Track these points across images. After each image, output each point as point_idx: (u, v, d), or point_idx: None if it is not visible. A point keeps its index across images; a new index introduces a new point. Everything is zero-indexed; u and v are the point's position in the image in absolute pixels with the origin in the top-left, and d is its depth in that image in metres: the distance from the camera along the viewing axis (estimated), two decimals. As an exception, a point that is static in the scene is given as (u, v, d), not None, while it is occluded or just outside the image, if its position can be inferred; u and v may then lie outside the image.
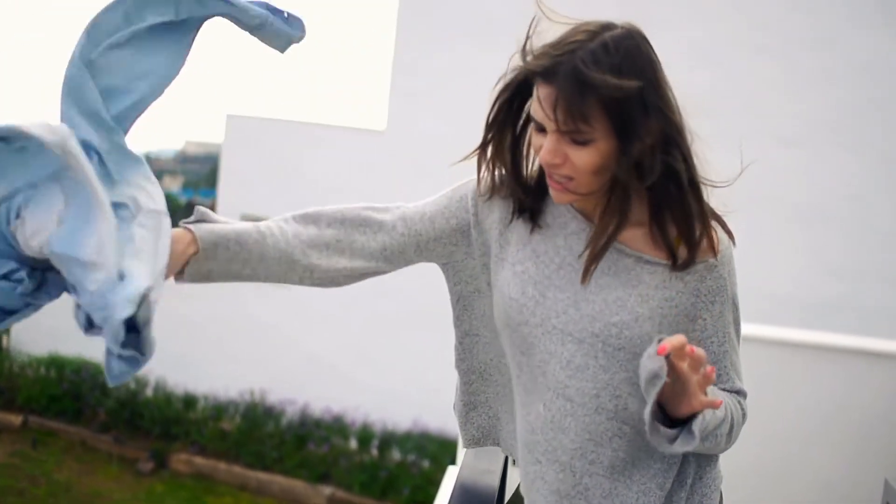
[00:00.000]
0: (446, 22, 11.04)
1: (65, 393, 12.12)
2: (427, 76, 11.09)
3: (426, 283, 11.62)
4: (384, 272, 1.50)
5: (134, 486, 10.77)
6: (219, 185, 12.80)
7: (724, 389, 1.42)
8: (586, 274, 1.35)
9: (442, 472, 4.68)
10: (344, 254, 1.42)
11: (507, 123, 1.42)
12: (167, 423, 11.58)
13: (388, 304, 11.15)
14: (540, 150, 1.30)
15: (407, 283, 11.02)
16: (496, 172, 1.44)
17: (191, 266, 1.28)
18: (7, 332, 14.01)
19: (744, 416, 1.44)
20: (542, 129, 1.29)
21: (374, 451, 10.72)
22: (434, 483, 9.50)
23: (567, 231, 1.41)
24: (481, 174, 1.46)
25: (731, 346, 1.42)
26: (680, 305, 1.36)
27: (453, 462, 4.40)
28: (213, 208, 17.17)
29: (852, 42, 9.26)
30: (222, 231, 1.30)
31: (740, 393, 1.45)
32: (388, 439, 10.68)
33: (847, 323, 7.37)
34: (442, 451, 10.08)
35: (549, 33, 1.37)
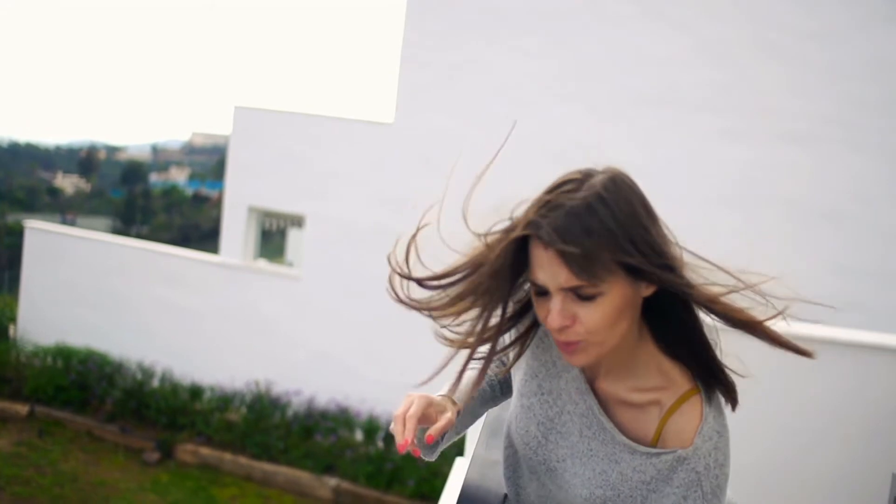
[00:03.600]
0: (455, 15, 11.03)
1: (71, 383, 12.15)
2: (435, 69, 11.09)
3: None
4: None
5: (140, 476, 10.80)
6: (226, 177, 12.81)
7: None
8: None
9: (448, 464, 4.70)
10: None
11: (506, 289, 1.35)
12: (173, 414, 11.61)
13: (395, 297, 11.16)
14: (545, 315, 1.27)
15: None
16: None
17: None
18: (14, 321, 14.06)
19: None
20: (543, 293, 1.26)
21: (380, 443, 10.74)
22: (440, 475, 9.52)
23: (570, 375, 1.41)
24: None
25: None
26: (658, 491, 1.33)
27: (460, 453, 4.40)
28: (219, 200, 17.25)
29: (859, 39, 9.24)
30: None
31: None
32: (394, 431, 10.70)
33: (853, 320, 7.36)
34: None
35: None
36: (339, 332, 11.64)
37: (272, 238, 14.98)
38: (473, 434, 1.97)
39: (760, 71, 9.56)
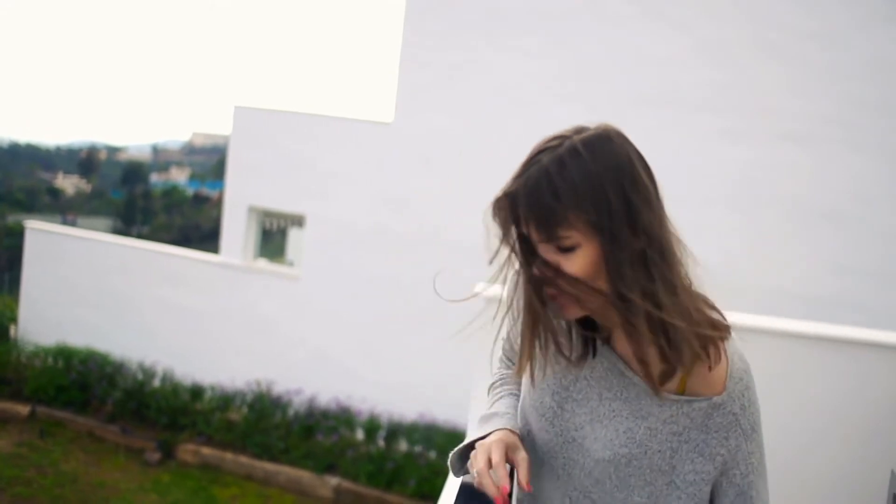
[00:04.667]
0: (454, 14, 11.04)
1: (72, 383, 12.16)
2: (435, 68, 11.09)
3: (433, 276, 11.65)
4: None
5: (141, 476, 10.81)
6: (226, 177, 12.82)
7: None
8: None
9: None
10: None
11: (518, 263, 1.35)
12: (174, 414, 11.62)
13: (396, 298, 11.18)
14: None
15: (414, 277, 11.06)
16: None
17: None
18: (14, 322, 14.07)
19: None
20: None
21: (381, 442, 10.74)
22: (441, 474, 9.52)
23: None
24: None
25: (755, 475, 1.39)
26: (690, 441, 1.34)
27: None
28: (220, 200, 17.26)
29: (859, 39, 9.24)
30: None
31: None
32: (395, 430, 10.70)
33: (852, 318, 7.37)
34: (449, 442, 10.09)
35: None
36: (339, 331, 11.66)
37: (273, 238, 14.99)
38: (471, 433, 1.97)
39: (760, 71, 9.57)
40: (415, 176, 11.14)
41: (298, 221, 12.65)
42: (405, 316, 11.12)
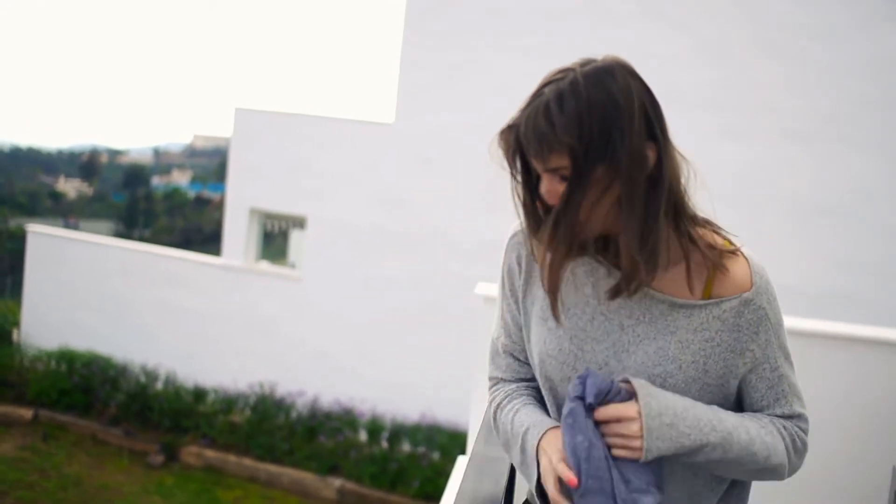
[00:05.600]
0: (454, 15, 11.04)
1: (75, 387, 12.17)
2: (435, 69, 11.09)
3: (434, 276, 11.65)
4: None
5: (144, 479, 10.82)
6: (227, 179, 12.83)
7: (781, 415, 1.41)
8: (617, 294, 1.35)
9: (452, 463, 4.72)
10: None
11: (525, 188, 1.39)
12: (177, 417, 11.63)
13: (396, 298, 11.18)
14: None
15: (415, 277, 11.07)
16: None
17: None
18: (17, 326, 14.08)
19: (797, 441, 1.42)
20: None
21: (384, 443, 10.74)
22: (444, 475, 9.52)
23: (595, 278, 1.40)
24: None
25: (785, 369, 1.41)
26: (722, 343, 1.35)
27: (463, 452, 4.42)
28: (220, 203, 17.29)
29: (859, 38, 9.24)
30: None
31: (796, 417, 1.43)
32: (398, 431, 10.71)
33: (851, 317, 7.37)
34: (452, 442, 10.09)
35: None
36: (341, 332, 11.66)
37: (275, 239, 15.00)
38: (474, 431, 1.97)
39: (760, 70, 9.57)
40: (415, 176, 11.14)
41: (300, 223, 12.66)
42: (406, 315, 11.12)
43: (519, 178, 1.36)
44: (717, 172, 9.71)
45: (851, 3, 9.29)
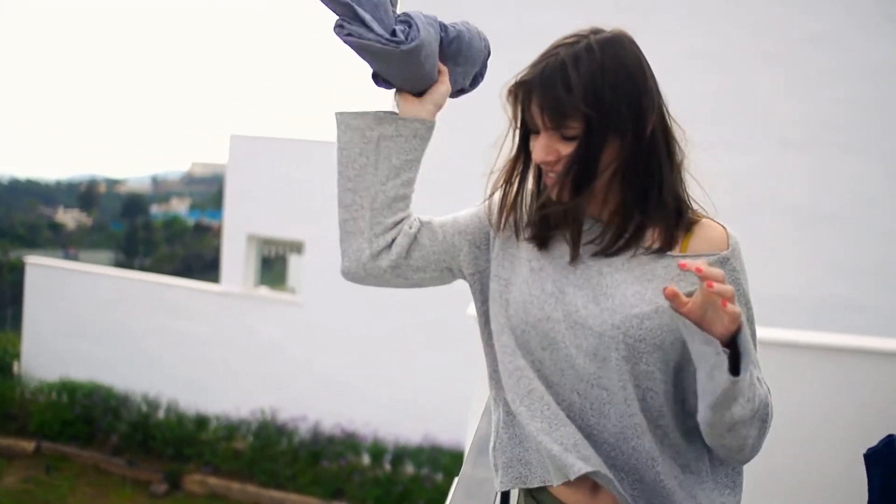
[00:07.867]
0: (454, 16, 11.08)
1: (77, 418, 12.15)
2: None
3: (434, 298, 11.60)
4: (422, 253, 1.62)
5: (148, 508, 10.80)
6: (224, 206, 12.85)
7: None
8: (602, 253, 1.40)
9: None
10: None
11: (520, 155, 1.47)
12: (180, 445, 11.60)
13: (397, 320, 11.17)
14: (536, 152, 1.36)
15: (415, 298, 11.05)
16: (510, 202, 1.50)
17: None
18: (18, 358, 14.07)
19: (769, 407, 1.41)
20: (537, 133, 1.37)
21: (388, 466, 10.71)
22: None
23: (587, 231, 1.44)
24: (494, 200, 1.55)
25: (752, 338, 1.42)
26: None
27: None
28: (219, 230, 17.17)
29: (856, 43, 9.26)
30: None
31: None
32: (401, 453, 10.68)
33: (852, 324, 7.36)
34: (455, 463, 10.07)
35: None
36: (341, 355, 11.64)
37: (274, 265, 15.00)
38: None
39: (756, 77, 9.59)
40: (413, 193, 11.14)
41: (297, 248, 12.66)
42: (406, 337, 11.10)
43: (518, 133, 1.43)
44: (714, 180, 9.72)
45: (848, 8, 9.32)
